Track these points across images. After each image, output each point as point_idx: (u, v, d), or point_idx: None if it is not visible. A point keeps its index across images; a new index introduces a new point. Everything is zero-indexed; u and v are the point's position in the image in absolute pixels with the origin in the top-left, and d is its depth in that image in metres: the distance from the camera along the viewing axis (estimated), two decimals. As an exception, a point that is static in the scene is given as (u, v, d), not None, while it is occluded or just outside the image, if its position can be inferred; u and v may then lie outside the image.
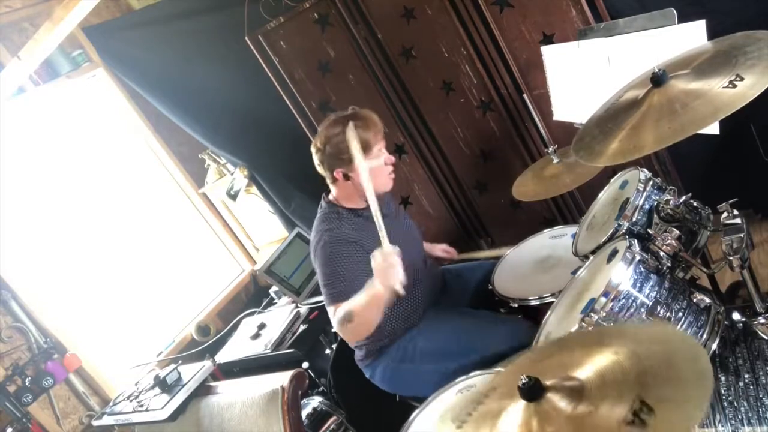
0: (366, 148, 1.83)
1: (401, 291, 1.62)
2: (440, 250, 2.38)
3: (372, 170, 1.84)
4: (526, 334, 1.73)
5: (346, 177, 1.90)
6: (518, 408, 0.98)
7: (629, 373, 0.92)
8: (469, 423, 1.05)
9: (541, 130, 2.58)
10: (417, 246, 2.14)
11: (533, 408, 0.95)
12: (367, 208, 1.98)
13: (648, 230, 1.46)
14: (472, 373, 1.62)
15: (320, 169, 1.97)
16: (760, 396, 1.19)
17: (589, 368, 0.98)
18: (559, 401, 0.94)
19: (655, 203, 1.50)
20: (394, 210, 2.16)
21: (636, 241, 1.34)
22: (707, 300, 1.28)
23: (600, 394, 0.92)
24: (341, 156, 1.86)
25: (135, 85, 3.27)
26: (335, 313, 1.79)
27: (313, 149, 1.95)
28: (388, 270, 1.62)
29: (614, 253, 1.40)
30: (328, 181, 1.99)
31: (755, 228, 2.61)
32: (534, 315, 1.89)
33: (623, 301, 1.24)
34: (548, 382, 0.96)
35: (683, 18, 1.82)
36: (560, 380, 0.97)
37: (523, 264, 2.11)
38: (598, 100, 1.64)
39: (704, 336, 1.24)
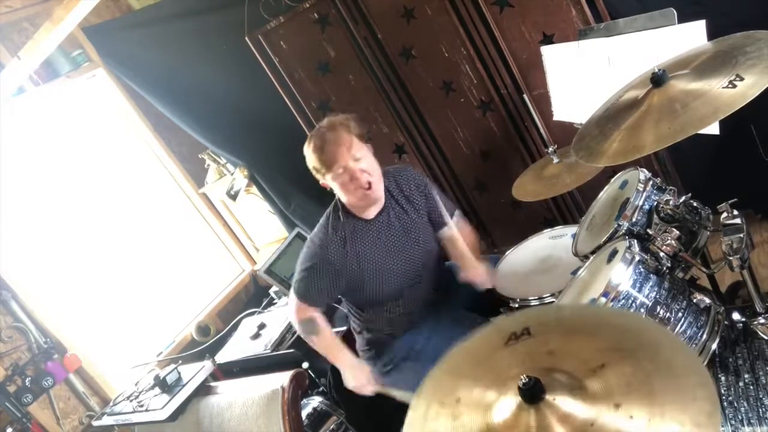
0: (324, 167, 1.88)
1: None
2: (475, 274, 2.04)
3: (338, 187, 1.91)
4: None
5: (330, 188, 1.95)
6: (511, 398, 0.96)
7: (636, 387, 0.91)
8: (461, 409, 1.04)
9: (541, 130, 2.59)
10: (422, 250, 2.06)
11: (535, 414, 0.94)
12: (372, 219, 1.98)
13: (648, 230, 1.46)
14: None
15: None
16: (760, 396, 1.19)
17: (586, 364, 0.97)
18: (559, 402, 0.93)
19: (655, 203, 1.50)
20: (393, 216, 2.04)
21: (636, 241, 1.34)
22: (707, 300, 1.28)
23: (607, 404, 0.90)
24: (315, 172, 1.93)
25: (135, 85, 3.27)
26: (297, 313, 2.00)
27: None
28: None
29: (614, 253, 1.40)
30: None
31: (755, 228, 2.61)
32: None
33: (623, 301, 1.24)
34: (547, 381, 0.95)
35: (683, 18, 1.82)
36: (560, 380, 0.96)
37: (523, 264, 2.10)
38: (598, 100, 1.65)
39: (704, 336, 1.24)
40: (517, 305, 1.88)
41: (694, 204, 1.50)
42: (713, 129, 1.74)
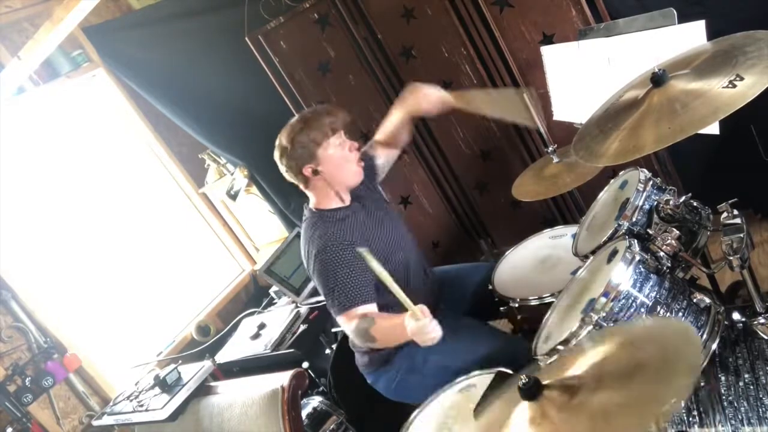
0: (330, 132, 1.86)
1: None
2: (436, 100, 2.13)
3: (337, 160, 1.87)
4: (524, 351, 1.68)
5: (315, 172, 1.88)
6: (523, 416, 0.97)
7: (624, 363, 0.93)
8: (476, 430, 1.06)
9: (542, 130, 2.58)
10: (399, 227, 2.08)
11: (537, 410, 0.95)
12: (350, 205, 1.95)
13: (648, 230, 1.46)
14: (473, 373, 1.62)
15: (290, 176, 1.94)
16: (760, 396, 1.19)
17: (585, 364, 0.98)
18: (558, 398, 0.94)
19: (655, 203, 1.50)
20: (361, 197, 2.04)
21: (636, 241, 1.34)
22: (707, 300, 1.28)
23: (596, 385, 0.92)
24: (307, 151, 1.86)
25: (135, 85, 3.27)
26: (349, 323, 1.76)
27: (277, 157, 1.94)
28: (423, 334, 1.55)
29: (614, 253, 1.40)
30: (302, 187, 1.97)
31: (755, 228, 2.61)
32: (534, 315, 1.88)
33: (623, 301, 1.25)
34: (546, 381, 0.96)
35: (683, 18, 1.82)
36: (558, 378, 0.97)
37: (523, 264, 2.10)
38: (598, 100, 1.65)
39: (704, 336, 1.24)
40: (517, 305, 1.88)
41: (694, 204, 1.50)
42: (713, 129, 1.74)
